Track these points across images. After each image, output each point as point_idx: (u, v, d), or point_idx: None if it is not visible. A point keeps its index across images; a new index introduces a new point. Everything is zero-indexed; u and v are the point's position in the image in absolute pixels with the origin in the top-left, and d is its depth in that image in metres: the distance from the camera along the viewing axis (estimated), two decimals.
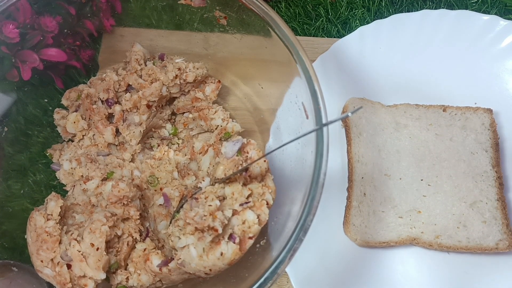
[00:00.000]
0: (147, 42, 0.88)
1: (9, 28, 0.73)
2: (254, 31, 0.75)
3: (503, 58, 0.94)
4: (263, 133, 0.88)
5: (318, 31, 1.03)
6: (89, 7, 0.84)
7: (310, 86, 0.65)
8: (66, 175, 0.81)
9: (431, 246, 0.82)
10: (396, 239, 0.82)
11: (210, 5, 0.80)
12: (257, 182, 0.69)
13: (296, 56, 0.67)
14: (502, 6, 1.02)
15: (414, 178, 0.86)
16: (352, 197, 0.84)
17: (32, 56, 0.78)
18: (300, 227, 0.59)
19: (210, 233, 0.63)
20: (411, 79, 0.94)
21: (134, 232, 0.73)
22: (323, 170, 0.61)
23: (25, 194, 0.81)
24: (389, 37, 0.95)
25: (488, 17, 0.94)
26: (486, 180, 0.85)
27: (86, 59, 0.90)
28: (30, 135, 0.84)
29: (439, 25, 0.96)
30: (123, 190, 0.70)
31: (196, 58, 0.87)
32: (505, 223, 0.82)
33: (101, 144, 0.82)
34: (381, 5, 1.04)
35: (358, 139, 0.88)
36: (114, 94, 0.81)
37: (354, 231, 0.82)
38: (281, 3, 1.05)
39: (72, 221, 0.73)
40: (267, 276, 0.58)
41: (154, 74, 0.81)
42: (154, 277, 0.71)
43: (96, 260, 0.66)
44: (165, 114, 0.87)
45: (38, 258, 0.67)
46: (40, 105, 0.85)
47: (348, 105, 0.90)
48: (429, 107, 0.91)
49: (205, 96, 0.87)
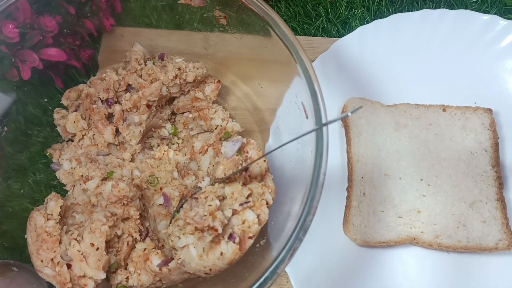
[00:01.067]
0: (147, 41, 0.88)
1: (9, 27, 0.73)
2: (254, 30, 0.75)
3: (503, 58, 0.94)
4: (263, 133, 0.87)
5: (318, 31, 1.03)
6: (89, 6, 0.84)
7: (310, 86, 0.65)
8: (66, 174, 0.81)
9: (431, 246, 0.82)
10: (396, 238, 0.82)
11: (210, 5, 0.80)
12: (257, 182, 0.69)
13: (296, 56, 0.67)
14: (502, 5, 1.02)
15: (413, 178, 0.86)
16: (352, 197, 0.84)
17: (32, 56, 0.78)
18: (300, 226, 0.59)
19: (210, 233, 0.63)
20: (411, 78, 0.94)
21: (134, 232, 0.73)
22: (322, 169, 0.61)
23: (25, 194, 0.81)
24: (389, 36, 0.95)
25: (488, 16, 0.94)
26: (486, 180, 0.85)
27: (86, 59, 0.90)
28: (30, 135, 0.84)
29: (439, 24, 0.96)
30: (123, 190, 0.71)
31: (196, 58, 0.87)
32: (505, 223, 0.82)
33: (101, 144, 0.82)
34: (381, 5, 1.04)
35: (358, 139, 0.88)
36: (114, 93, 0.81)
37: (354, 231, 0.82)
38: (281, 3, 1.05)
39: (72, 221, 0.73)
40: (267, 276, 0.58)
41: (154, 74, 0.81)
42: (154, 277, 0.71)
43: (96, 260, 0.66)
44: (165, 114, 0.87)
45: (38, 257, 0.67)
46: (40, 104, 0.85)
47: (348, 104, 0.90)
48: (428, 106, 0.91)
49: (205, 96, 0.87)
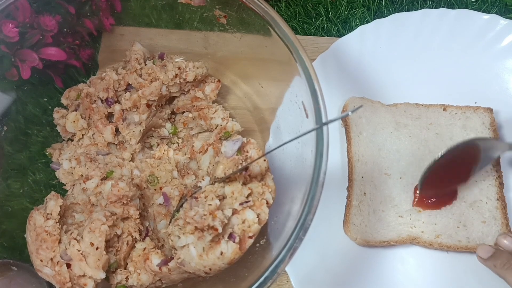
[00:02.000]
0: (146, 41, 0.87)
1: (8, 27, 0.73)
2: (254, 30, 0.75)
3: (503, 57, 0.94)
4: (263, 132, 0.87)
5: (318, 30, 1.03)
6: (88, 6, 0.84)
7: (310, 85, 0.65)
8: (66, 174, 0.81)
9: (431, 246, 0.82)
10: (396, 238, 0.82)
11: (210, 4, 0.80)
12: (257, 181, 0.69)
13: (296, 55, 0.67)
14: (503, 5, 1.02)
15: (414, 177, 0.86)
16: (352, 196, 0.84)
17: (31, 55, 0.78)
18: (300, 226, 0.59)
19: (210, 233, 0.63)
20: (411, 78, 0.94)
21: (134, 231, 0.72)
22: (323, 169, 0.60)
23: (25, 194, 0.81)
24: (389, 36, 0.95)
25: (488, 16, 0.94)
26: (486, 180, 0.85)
27: (86, 58, 0.90)
28: (29, 134, 0.84)
29: (439, 24, 0.95)
30: (122, 190, 0.70)
31: (196, 57, 0.86)
32: (505, 223, 0.82)
33: (100, 143, 0.82)
34: (381, 4, 1.04)
35: (358, 138, 0.88)
36: (114, 93, 0.81)
37: (354, 230, 0.82)
38: (281, 2, 1.05)
39: (71, 220, 0.73)
40: (267, 276, 0.58)
41: (154, 73, 0.81)
42: (154, 276, 0.71)
43: (96, 259, 0.66)
44: (164, 114, 0.86)
45: (38, 257, 0.67)
46: (39, 104, 0.85)
47: (348, 104, 0.90)
48: (429, 106, 0.91)
49: (205, 95, 0.86)
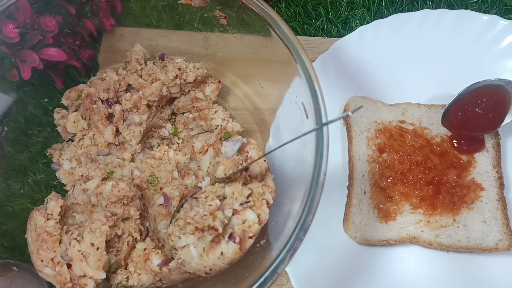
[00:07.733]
0: (147, 41, 0.88)
1: (9, 27, 0.73)
2: (254, 30, 0.75)
3: (503, 58, 0.94)
4: (263, 132, 0.87)
5: (318, 31, 1.03)
6: (89, 6, 0.84)
7: (310, 85, 0.65)
8: (66, 174, 0.81)
9: (431, 245, 0.82)
10: (396, 237, 0.82)
11: (210, 5, 0.80)
12: (257, 182, 0.69)
13: (296, 56, 0.67)
14: (502, 6, 1.02)
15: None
16: (353, 195, 0.84)
17: (32, 56, 0.78)
18: (300, 226, 0.59)
19: (210, 233, 0.63)
20: (411, 78, 0.94)
21: (134, 231, 0.73)
22: (323, 169, 0.61)
23: (25, 194, 0.81)
24: (389, 36, 0.95)
25: (488, 17, 0.94)
26: (487, 180, 0.85)
27: (86, 59, 0.90)
28: (30, 135, 0.84)
29: (439, 25, 0.96)
30: (123, 190, 0.70)
31: (196, 58, 0.87)
32: (505, 223, 0.82)
33: (101, 144, 0.82)
34: (381, 5, 1.04)
35: (359, 138, 0.88)
36: (114, 93, 0.81)
37: (354, 229, 0.82)
38: (281, 3, 1.05)
39: (72, 220, 0.73)
40: (267, 276, 0.58)
41: (154, 74, 0.81)
42: (154, 276, 0.71)
43: (96, 259, 0.66)
44: (165, 114, 0.87)
45: (38, 257, 0.67)
46: (40, 104, 0.85)
47: (349, 103, 0.90)
48: (430, 106, 0.91)
49: (205, 96, 0.87)
